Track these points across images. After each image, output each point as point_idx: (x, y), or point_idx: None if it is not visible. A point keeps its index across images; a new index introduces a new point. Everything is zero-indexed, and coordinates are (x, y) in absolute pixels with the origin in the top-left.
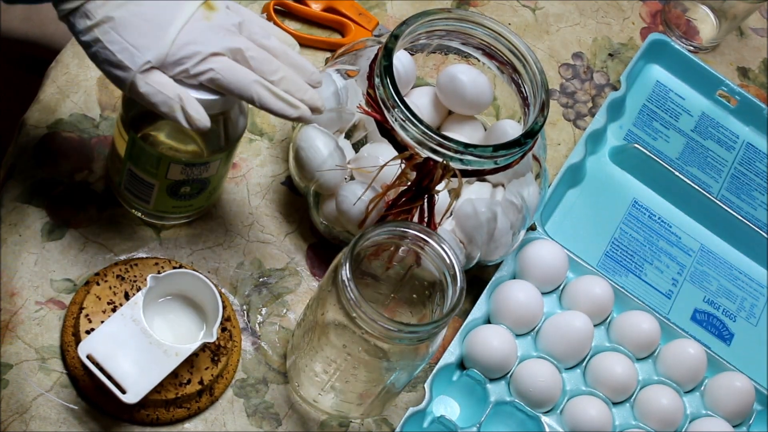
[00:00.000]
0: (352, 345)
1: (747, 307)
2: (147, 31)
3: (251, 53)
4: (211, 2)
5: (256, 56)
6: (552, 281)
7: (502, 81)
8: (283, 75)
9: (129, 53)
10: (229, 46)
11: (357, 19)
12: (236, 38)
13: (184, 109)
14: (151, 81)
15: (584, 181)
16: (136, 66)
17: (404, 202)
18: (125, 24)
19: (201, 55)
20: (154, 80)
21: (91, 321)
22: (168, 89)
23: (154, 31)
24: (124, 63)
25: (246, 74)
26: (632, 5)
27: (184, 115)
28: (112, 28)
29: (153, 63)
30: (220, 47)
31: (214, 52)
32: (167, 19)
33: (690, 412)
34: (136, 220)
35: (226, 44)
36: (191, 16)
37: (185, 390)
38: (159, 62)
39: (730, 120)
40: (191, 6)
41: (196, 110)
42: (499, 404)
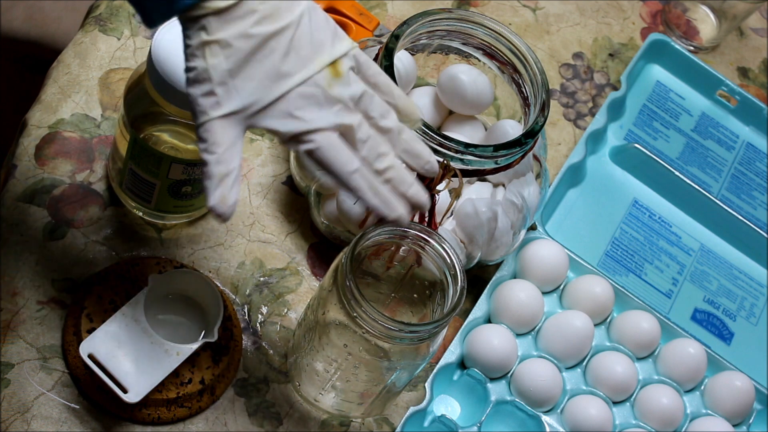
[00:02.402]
0: (352, 344)
1: (747, 307)
2: (259, 76)
3: (362, 135)
4: (340, 66)
5: (366, 139)
6: (552, 281)
7: (502, 81)
8: (391, 164)
9: (226, 90)
10: (341, 122)
11: (358, 19)
12: (351, 115)
13: (230, 188)
14: (217, 135)
15: (584, 181)
16: (220, 110)
17: None
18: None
19: (308, 125)
20: (222, 136)
21: (92, 320)
22: (231, 155)
23: (266, 80)
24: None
25: (348, 160)
26: (632, 5)
27: (221, 195)
28: (223, 56)
29: (239, 111)
30: (331, 122)
31: (321, 128)
32: (287, 70)
33: (690, 412)
34: (138, 220)
35: (338, 120)
36: (314, 76)
37: (186, 389)
38: (253, 111)
39: (730, 120)
40: (317, 65)
41: (231, 197)
42: (500, 404)
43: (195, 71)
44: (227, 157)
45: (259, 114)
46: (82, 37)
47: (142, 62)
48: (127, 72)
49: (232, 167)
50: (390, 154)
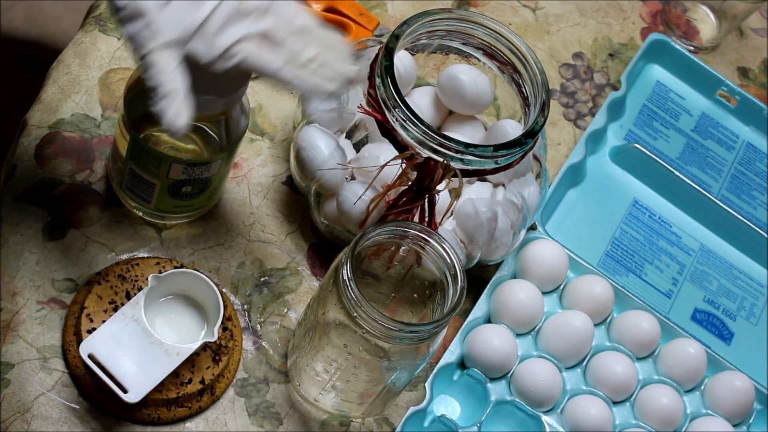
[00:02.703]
0: (352, 344)
1: (747, 307)
2: (184, 5)
3: (281, 34)
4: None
5: (282, 39)
6: (552, 281)
7: (502, 81)
8: (313, 54)
9: (160, 21)
10: (258, 29)
11: (358, 19)
12: (265, 20)
13: (180, 104)
14: (161, 61)
15: (584, 181)
16: (156, 42)
17: (405, 202)
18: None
19: (230, 39)
20: (165, 61)
21: (92, 320)
22: (174, 75)
23: (190, 8)
24: (145, 35)
25: (272, 59)
26: (632, 5)
27: (176, 110)
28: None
29: (174, 40)
30: (251, 30)
31: (245, 35)
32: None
33: (690, 412)
34: (138, 220)
35: (255, 27)
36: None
37: (186, 389)
38: (184, 38)
39: (730, 120)
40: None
41: (184, 111)
42: (500, 403)
43: (127, 10)
44: (173, 78)
45: (192, 40)
46: (82, 37)
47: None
48: (127, 72)
49: (179, 85)
50: (309, 47)
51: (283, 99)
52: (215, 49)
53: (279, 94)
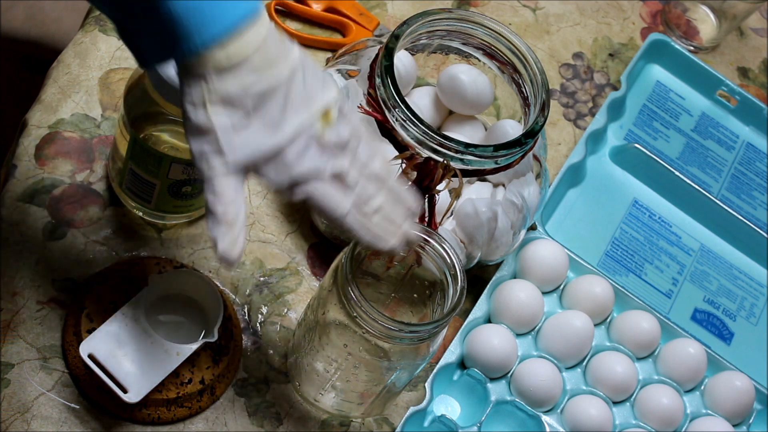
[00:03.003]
0: (353, 344)
1: (747, 307)
2: (260, 129)
3: (351, 180)
4: (330, 114)
5: (354, 183)
6: (552, 281)
7: (502, 81)
8: (381, 204)
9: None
10: (332, 170)
11: (358, 19)
12: (341, 161)
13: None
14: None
15: (584, 181)
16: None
17: None
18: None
19: (305, 171)
20: (228, 189)
21: (92, 320)
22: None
23: (265, 133)
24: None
25: (341, 203)
26: (632, 5)
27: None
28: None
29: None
30: (323, 170)
31: (316, 170)
32: (284, 122)
33: (690, 412)
34: (138, 220)
35: (330, 167)
36: (302, 128)
37: (186, 389)
38: (257, 163)
39: (730, 120)
40: (311, 114)
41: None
42: (500, 403)
43: (196, 124)
44: (234, 207)
45: (262, 165)
46: (82, 37)
47: None
48: (127, 72)
49: (239, 213)
50: (379, 195)
51: None
52: (286, 180)
53: None
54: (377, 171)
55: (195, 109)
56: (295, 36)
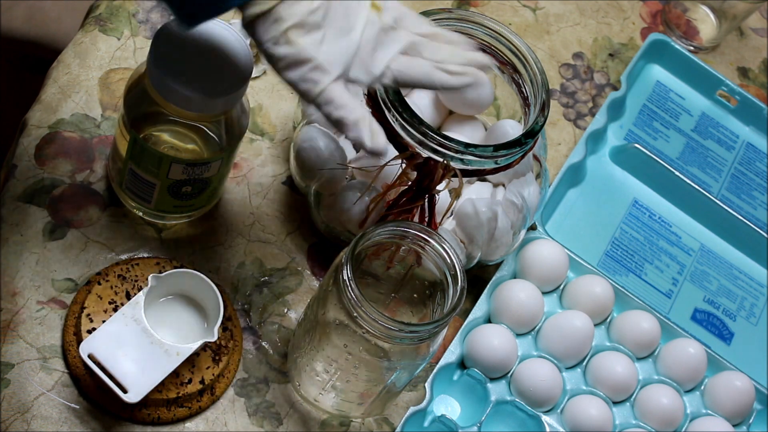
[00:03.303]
0: (353, 344)
1: (747, 307)
2: (332, 39)
3: (419, 45)
4: (377, 2)
5: (423, 46)
6: (552, 281)
7: (502, 81)
8: (447, 52)
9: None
10: (402, 44)
11: None
12: (404, 34)
13: (371, 126)
14: (337, 95)
15: (584, 181)
16: (327, 79)
17: (405, 202)
18: (317, 30)
19: (383, 60)
20: (340, 94)
21: (92, 320)
22: (354, 104)
23: (341, 38)
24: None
25: (423, 65)
26: (632, 5)
27: (370, 133)
28: (305, 33)
29: (341, 73)
30: (397, 48)
31: (392, 57)
32: (349, 25)
33: (690, 412)
34: (138, 220)
35: (399, 43)
36: (366, 21)
37: (186, 389)
38: (347, 69)
39: (730, 120)
40: (364, 10)
41: (378, 131)
42: (500, 403)
43: (287, 58)
44: (355, 106)
45: (352, 69)
46: (82, 37)
47: (142, 62)
48: (127, 72)
49: (363, 111)
50: (442, 47)
51: (283, 99)
52: (373, 72)
53: (279, 94)
54: (428, 31)
55: (278, 45)
56: None
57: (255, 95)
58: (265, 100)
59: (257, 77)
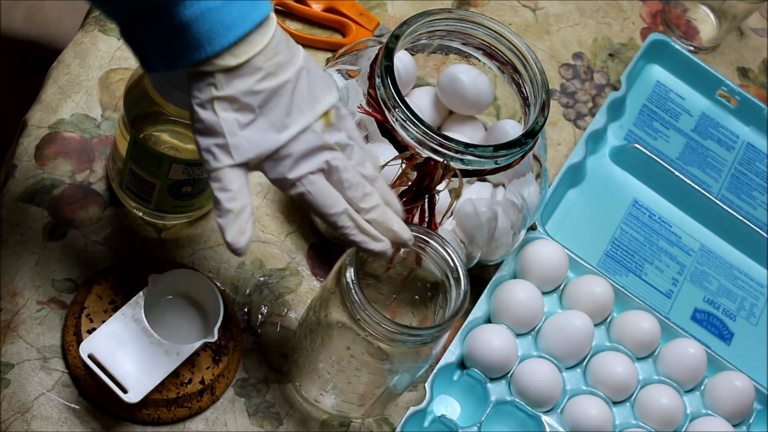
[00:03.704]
0: (355, 346)
1: (747, 307)
2: (265, 128)
3: (347, 176)
4: (332, 115)
5: (352, 180)
6: (552, 281)
7: (502, 81)
8: (376, 203)
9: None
10: (329, 160)
11: (358, 19)
12: (336, 156)
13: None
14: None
15: (584, 181)
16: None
17: (405, 202)
18: (248, 113)
19: (301, 172)
20: (232, 180)
21: (92, 320)
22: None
23: (271, 131)
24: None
25: (336, 200)
26: (632, 5)
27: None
28: (233, 111)
29: (246, 162)
30: (319, 164)
31: (313, 171)
32: (290, 121)
33: (690, 412)
34: (138, 220)
35: (327, 158)
36: (307, 128)
37: (186, 389)
38: (259, 160)
39: (730, 120)
40: (314, 114)
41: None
42: (500, 404)
43: (204, 123)
44: (239, 196)
45: (264, 164)
46: (82, 37)
47: None
48: (127, 72)
49: (245, 203)
50: (375, 194)
51: None
52: (286, 176)
53: None
54: (370, 173)
55: (203, 109)
56: (295, 36)
57: None
58: None
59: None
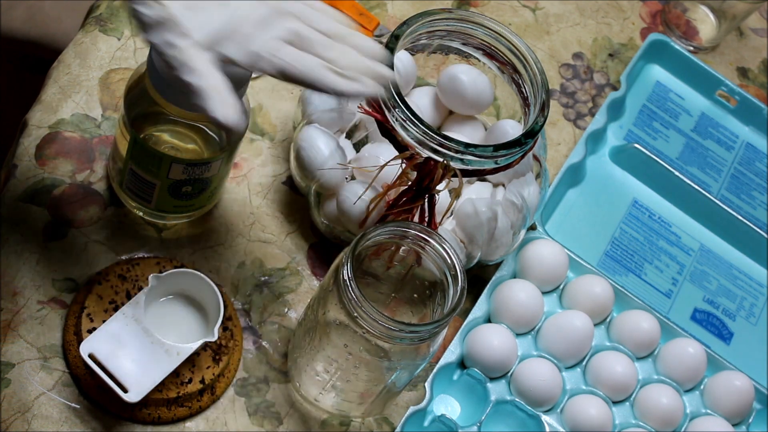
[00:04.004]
0: (353, 344)
1: (747, 307)
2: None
3: (312, 37)
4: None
5: (316, 40)
6: (552, 281)
7: (502, 81)
8: (341, 52)
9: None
10: (289, 29)
11: (358, 19)
12: (297, 23)
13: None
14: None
15: (584, 181)
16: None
17: (405, 202)
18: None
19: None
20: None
21: (92, 320)
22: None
23: (216, 9)
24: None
25: (311, 62)
26: (632, 5)
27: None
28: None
29: (205, 42)
30: (282, 35)
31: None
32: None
33: (690, 411)
34: (138, 220)
35: (289, 30)
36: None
37: (187, 389)
38: (215, 40)
39: (730, 120)
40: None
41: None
42: (500, 403)
43: (153, 18)
44: (214, 76)
45: (222, 42)
46: (82, 37)
47: (142, 62)
48: (128, 72)
49: (219, 80)
50: (345, 47)
51: (283, 99)
52: (252, 51)
53: (279, 94)
54: (333, 29)
55: (149, 7)
56: None
57: (255, 95)
58: (266, 100)
59: (257, 77)
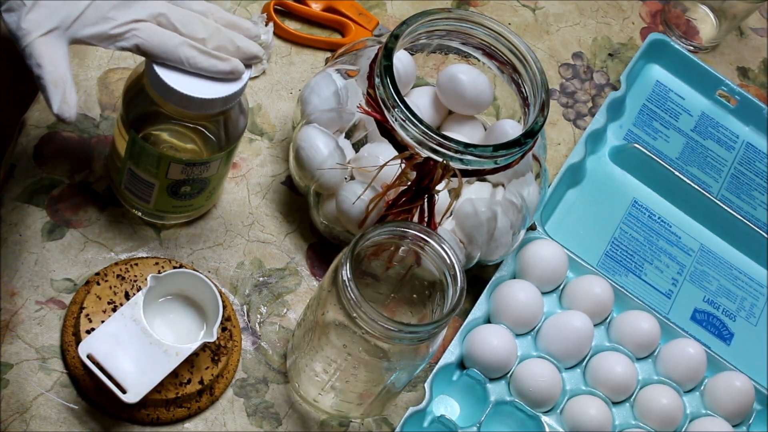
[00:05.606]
0: (352, 345)
1: (747, 307)
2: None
3: (176, 16)
4: None
5: (181, 18)
6: (552, 281)
7: (502, 81)
8: (211, 32)
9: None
10: (151, 11)
11: (357, 18)
12: (158, 3)
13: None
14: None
15: (584, 181)
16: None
17: (404, 202)
18: None
19: (121, 20)
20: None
21: (91, 321)
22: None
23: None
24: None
25: (171, 37)
26: (632, 5)
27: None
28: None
29: (54, 28)
30: (143, 14)
31: (137, 19)
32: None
33: (690, 412)
34: (137, 220)
35: (148, 10)
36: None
37: (185, 390)
38: (65, 24)
39: (730, 120)
40: None
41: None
42: (499, 404)
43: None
44: (57, 66)
45: (76, 26)
46: None
47: (141, 62)
48: (126, 72)
49: (64, 73)
50: (209, 25)
51: (282, 99)
52: (106, 32)
53: (278, 94)
54: (199, 8)
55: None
56: (294, 36)
57: (254, 95)
58: (264, 99)
59: (256, 77)
